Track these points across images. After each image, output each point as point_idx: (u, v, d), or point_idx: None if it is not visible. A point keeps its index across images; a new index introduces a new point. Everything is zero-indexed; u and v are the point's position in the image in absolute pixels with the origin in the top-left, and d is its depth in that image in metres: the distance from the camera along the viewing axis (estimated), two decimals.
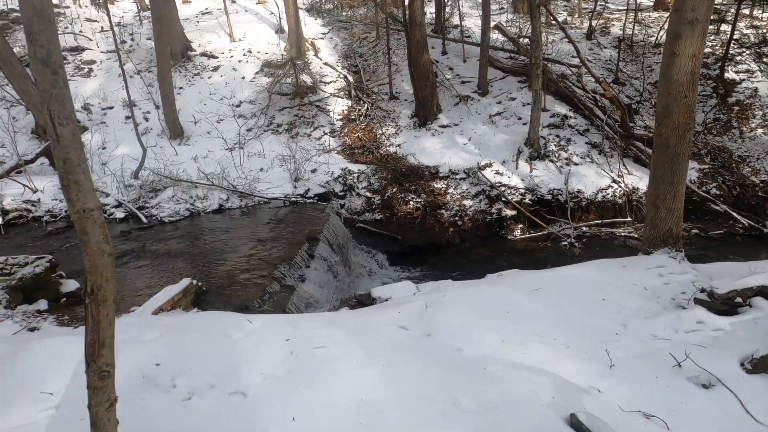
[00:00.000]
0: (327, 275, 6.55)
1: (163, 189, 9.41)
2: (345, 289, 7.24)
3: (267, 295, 5.32)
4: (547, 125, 12.59)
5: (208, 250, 6.71)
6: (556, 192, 11.23)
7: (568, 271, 5.30)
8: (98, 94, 13.95)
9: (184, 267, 6.17)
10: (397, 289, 5.49)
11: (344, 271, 7.35)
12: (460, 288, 4.95)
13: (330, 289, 6.34)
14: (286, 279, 5.77)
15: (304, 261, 6.49)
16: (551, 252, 10.29)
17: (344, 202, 11.11)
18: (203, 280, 5.60)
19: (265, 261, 6.22)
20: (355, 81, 14.83)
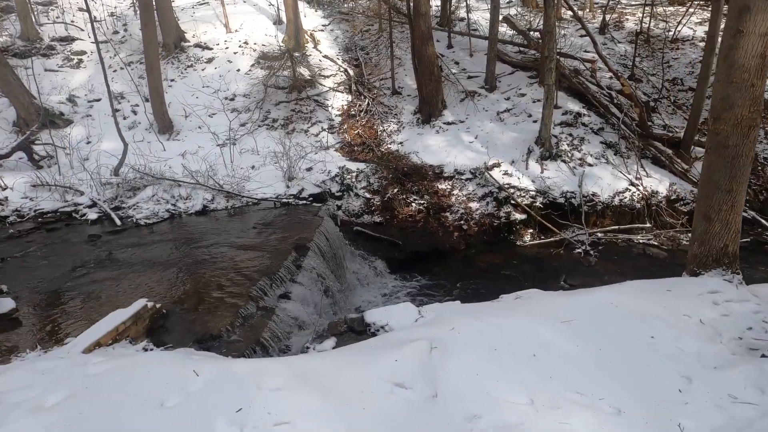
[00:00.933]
0: (315, 291, 5.55)
1: (142, 188, 8.42)
2: (338, 303, 6.23)
3: (239, 320, 4.33)
4: (558, 123, 11.52)
5: (180, 259, 5.72)
6: (569, 195, 10.18)
7: (601, 295, 4.27)
8: (86, 86, 12.95)
9: (149, 281, 5.18)
10: (395, 314, 4.48)
11: (336, 285, 6.35)
12: (472, 318, 3.94)
13: (318, 307, 5.35)
14: (266, 298, 4.77)
15: (290, 274, 5.49)
16: (564, 260, 9.25)
17: (341, 203, 10.09)
18: (167, 298, 4.61)
19: (244, 275, 5.22)
20: (355, 75, 13.78)
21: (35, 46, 14.16)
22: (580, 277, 8.46)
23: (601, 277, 8.48)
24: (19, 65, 12.96)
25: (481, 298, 7.83)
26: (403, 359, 3.02)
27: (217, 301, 4.58)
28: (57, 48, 14.36)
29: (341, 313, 6.20)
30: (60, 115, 11.68)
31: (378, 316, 4.48)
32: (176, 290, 4.85)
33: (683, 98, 12.56)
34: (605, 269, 8.75)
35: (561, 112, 11.76)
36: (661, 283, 4.64)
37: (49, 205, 8.07)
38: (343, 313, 6.28)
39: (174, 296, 4.71)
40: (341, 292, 6.90)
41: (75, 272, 5.45)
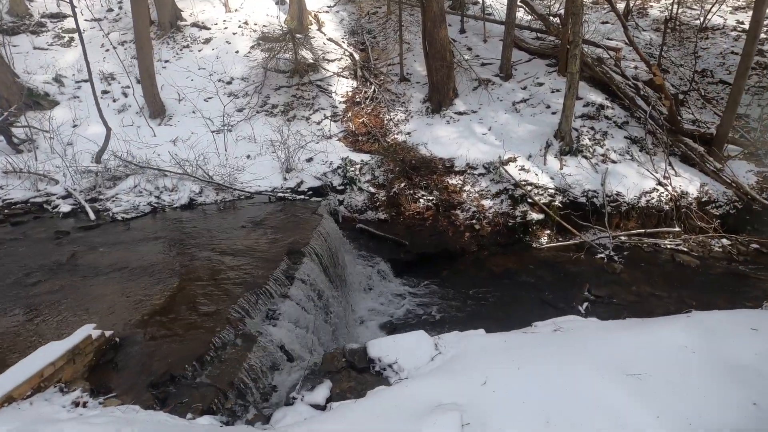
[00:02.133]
0: (310, 309, 4.59)
1: (124, 177, 7.42)
2: (338, 315, 5.26)
3: (212, 352, 3.37)
4: (579, 115, 10.44)
5: (152, 266, 4.75)
6: (591, 194, 9.16)
7: (667, 335, 3.28)
8: (76, 66, 11.89)
9: (109, 294, 4.20)
10: (405, 347, 3.51)
11: (336, 297, 5.38)
12: (506, 363, 2.97)
13: (313, 329, 4.39)
14: (248, 320, 3.81)
15: (280, 287, 4.52)
16: (585, 266, 8.26)
17: (343, 197, 9.09)
18: (125, 321, 3.66)
19: (224, 288, 4.25)
20: (361, 59, 12.67)
21: (24, 23, 13.09)
22: (605, 287, 7.48)
23: (629, 288, 7.51)
24: (5, 42, 11.93)
25: (499, 311, 6.88)
26: None
27: (187, 325, 3.62)
28: (47, 25, 13.28)
29: (341, 330, 5.24)
30: (45, 95, 10.66)
31: (384, 350, 3.51)
32: (138, 309, 3.87)
33: (713, 91, 11.44)
34: (632, 278, 7.76)
35: (582, 103, 10.67)
36: (738, 316, 3.64)
37: (20, 194, 7.11)
38: (344, 330, 5.32)
39: (134, 318, 3.73)
40: (341, 301, 5.94)
41: (26, 279, 4.50)
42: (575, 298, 7.17)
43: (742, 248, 8.77)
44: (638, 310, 6.82)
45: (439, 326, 6.52)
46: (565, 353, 3.13)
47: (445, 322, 6.67)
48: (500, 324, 6.57)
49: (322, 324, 4.71)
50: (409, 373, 3.23)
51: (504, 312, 6.85)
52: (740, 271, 8.05)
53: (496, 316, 6.72)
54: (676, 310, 6.91)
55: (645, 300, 7.15)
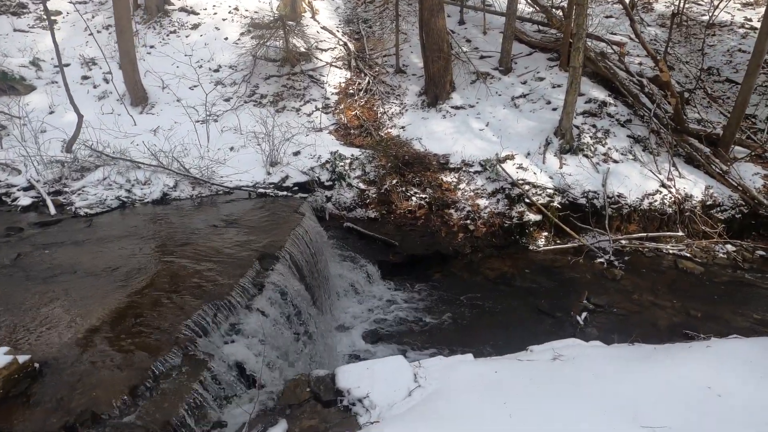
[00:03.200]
0: (282, 322, 4.03)
1: (94, 168, 6.82)
2: (314, 330, 4.71)
3: (149, 381, 2.81)
4: (581, 112, 9.87)
5: (103, 272, 4.16)
6: (591, 195, 8.61)
7: (689, 372, 2.74)
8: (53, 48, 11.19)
9: (42, 306, 3.61)
10: (380, 377, 2.96)
11: (316, 306, 4.82)
12: (500, 404, 2.43)
13: (283, 348, 3.83)
14: (201, 340, 3.26)
15: (246, 297, 3.96)
16: (584, 271, 7.73)
17: (332, 194, 8.51)
18: (51, 341, 3.08)
19: (181, 299, 3.69)
20: (356, 50, 12.03)
21: (5, 3, 12.38)
22: (605, 294, 6.95)
23: (630, 296, 6.98)
24: None
25: (493, 320, 6.30)
26: None
27: (127, 346, 3.04)
28: (29, 6, 12.58)
29: (318, 343, 4.69)
30: (21, 79, 10.01)
31: (356, 379, 2.96)
32: (74, 326, 3.26)
33: (719, 90, 10.86)
34: (634, 286, 7.24)
35: (584, 99, 10.09)
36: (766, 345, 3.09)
37: None
38: (320, 342, 4.77)
39: (66, 337, 3.13)
40: (322, 308, 5.39)
41: None
42: (573, 306, 6.64)
43: (747, 255, 8.25)
44: (641, 322, 6.31)
45: (427, 336, 5.99)
46: (567, 393, 2.59)
47: (434, 331, 6.13)
48: (494, 335, 6.06)
49: (293, 340, 4.15)
50: (382, 411, 2.68)
51: (498, 321, 6.32)
52: (746, 280, 7.53)
53: (489, 327, 6.19)
54: (681, 322, 6.39)
55: (647, 309, 6.63)
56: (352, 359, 5.37)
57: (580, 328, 6.13)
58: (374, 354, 5.53)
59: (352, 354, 5.46)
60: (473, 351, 4.21)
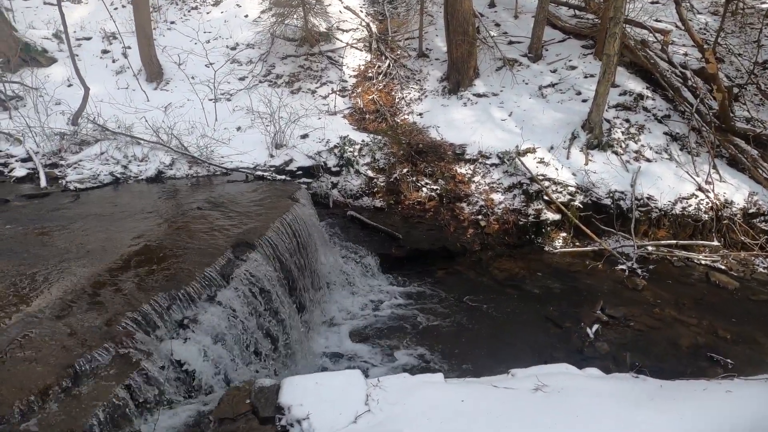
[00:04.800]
0: (248, 318, 3.67)
1: (94, 142, 6.65)
2: (291, 330, 4.34)
3: (66, 382, 2.45)
4: (614, 105, 9.03)
5: (62, 253, 3.87)
6: (617, 195, 7.86)
7: (702, 424, 2.18)
8: (81, 23, 11.18)
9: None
10: (327, 395, 2.55)
11: (292, 303, 4.42)
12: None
13: (247, 347, 3.46)
14: (143, 336, 2.91)
15: (210, 288, 3.61)
16: (603, 278, 7.05)
17: (338, 180, 8.10)
18: None
19: (132, 289, 3.35)
20: (379, 31, 11.46)
21: None
22: (622, 305, 6.28)
23: (651, 309, 6.28)
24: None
25: (493, 327, 5.74)
26: None
27: (53, 337, 2.72)
28: None
29: (295, 342, 4.31)
30: (43, 52, 9.99)
31: (300, 395, 2.55)
32: (8, 312, 2.99)
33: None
34: (656, 298, 6.53)
35: (618, 91, 9.24)
36: None
37: None
38: (296, 341, 4.40)
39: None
40: (305, 302, 5.01)
41: None
42: (585, 317, 6.02)
43: (764, 269, 7.35)
44: (659, 339, 5.65)
45: (418, 338, 5.54)
46: None
47: (427, 333, 5.67)
48: (491, 344, 5.50)
49: (262, 338, 3.78)
50: None
51: (499, 328, 5.79)
52: None
53: (488, 333, 5.68)
54: (706, 343, 5.67)
55: (668, 326, 5.94)
56: (334, 359, 4.99)
57: (589, 342, 5.53)
58: (358, 354, 5.13)
59: (334, 353, 5.08)
60: (464, 361, 3.75)
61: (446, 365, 5.09)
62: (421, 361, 5.13)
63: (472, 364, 5.06)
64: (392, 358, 5.14)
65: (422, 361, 5.13)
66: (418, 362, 5.12)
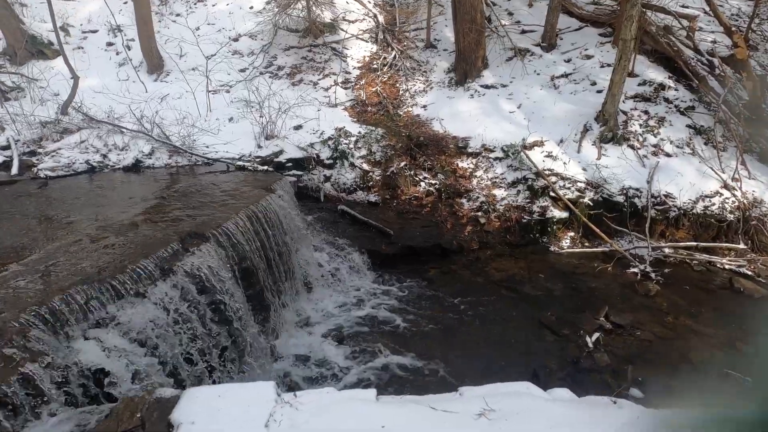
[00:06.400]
0: (185, 316, 3.29)
1: (76, 131, 6.47)
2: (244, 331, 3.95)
3: None
4: (632, 96, 8.32)
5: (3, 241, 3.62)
6: (631, 192, 7.18)
7: None
8: (87, 17, 11.17)
9: None
10: (223, 413, 2.16)
11: (245, 303, 4.03)
12: None
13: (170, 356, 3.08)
14: (42, 335, 2.57)
15: (142, 283, 3.25)
16: (612, 281, 6.40)
17: (332, 173, 7.71)
18: None
19: (51, 282, 3.03)
20: (386, 22, 11.02)
21: None
22: (630, 312, 5.65)
23: (663, 317, 5.63)
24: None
25: (481, 331, 5.20)
26: None
27: None
28: None
29: (246, 343, 3.93)
30: (49, 44, 9.98)
31: (194, 412, 2.15)
32: None
33: None
34: (670, 304, 5.86)
35: (637, 81, 8.51)
36: None
37: None
38: (251, 343, 4.01)
39: None
40: (271, 301, 4.63)
41: None
42: (586, 323, 5.43)
43: None
44: (668, 351, 5.02)
45: (399, 341, 5.09)
46: None
47: (409, 336, 5.21)
48: (474, 351, 4.96)
49: (205, 336, 3.40)
50: None
51: (487, 333, 5.28)
52: None
53: (473, 339, 5.17)
54: (723, 356, 4.98)
55: (680, 336, 5.28)
56: (299, 363, 4.58)
57: (587, 352, 4.95)
58: (328, 358, 4.72)
59: (301, 356, 4.68)
60: (445, 368, 3.30)
61: (425, 372, 4.63)
62: (398, 367, 4.68)
63: (452, 372, 4.58)
64: (366, 363, 4.71)
65: (398, 368, 4.68)
66: (394, 368, 4.67)
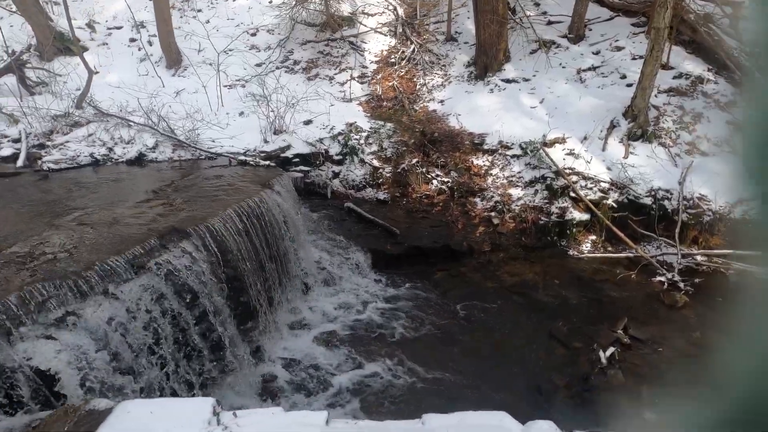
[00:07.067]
0: (157, 318, 3.12)
1: (86, 124, 6.50)
2: (223, 334, 3.76)
3: None
4: (665, 90, 7.67)
5: None
6: (661, 194, 6.60)
7: None
8: (113, 13, 11.36)
9: None
10: (158, 427, 1.89)
11: (224, 303, 3.83)
12: None
13: (132, 360, 2.90)
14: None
15: (112, 281, 3.11)
16: (635, 290, 5.89)
17: (341, 169, 7.47)
18: None
19: (11, 277, 2.93)
20: (406, 15, 10.68)
21: None
22: (653, 325, 5.15)
23: (689, 332, 5.09)
24: None
25: (483, 340, 4.82)
26: None
27: None
28: None
29: (228, 347, 3.74)
30: (76, 40, 10.18)
31: (120, 428, 1.92)
32: None
33: None
34: (699, 318, 5.31)
35: (672, 74, 7.86)
36: None
37: None
38: (233, 348, 3.81)
39: None
40: (268, 298, 4.43)
41: None
42: (601, 336, 4.97)
43: None
44: (692, 372, 4.47)
45: (394, 349, 4.80)
46: None
47: (406, 343, 4.92)
48: (473, 364, 4.56)
49: (173, 343, 3.22)
50: None
51: (490, 344, 4.92)
52: None
53: (474, 349, 4.83)
54: None
55: (708, 355, 4.70)
56: (288, 367, 4.36)
57: (599, 368, 4.50)
58: (319, 363, 4.48)
59: (290, 360, 4.46)
60: (439, 378, 3.00)
61: (417, 383, 4.31)
62: (388, 376, 4.39)
63: (446, 384, 4.25)
64: (355, 370, 4.44)
65: (389, 376, 4.39)
66: (384, 376, 4.38)
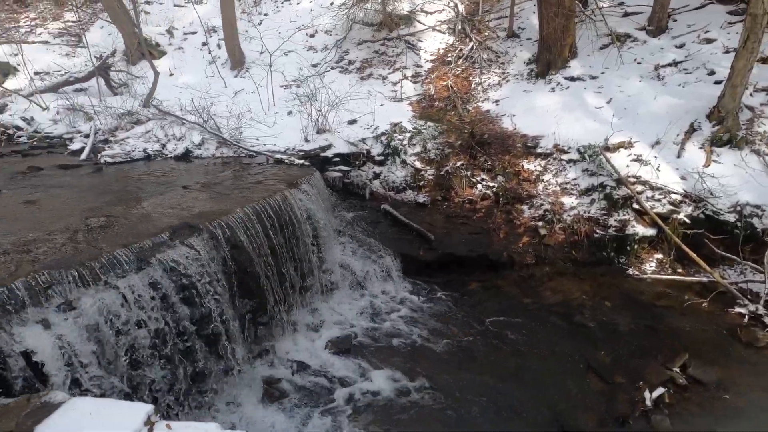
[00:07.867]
0: (152, 313, 3.11)
1: (145, 121, 6.92)
2: (230, 331, 3.72)
3: None
4: (762, 88, 6.51)
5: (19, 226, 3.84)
6: (749, 209, 5.59)
7: None
8: (190, 20, 12.15)
9: None
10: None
11: (229, 302, 3.77)
12: None
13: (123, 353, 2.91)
14: None
15: (115, 272, 3.15)
16: (704, 321, 5.01)
17: (381, 170, 7.26)
18: None
19: (21, 262, 3.07)
20: (467, 12, 10.20)
21: None
22: (721, 366, 4.32)
23: (765, 382, 4.17)
24: None
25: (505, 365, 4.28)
26: None
27: None
28: None
29: (237, 351, 3.69)
30: (156, 45, 11.04)
31: (57, 428, 1.86)
32: None
33: None
34: None
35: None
36: None
37: (62, 129, 7.20)
38: (238, 346, 3.76)
39: None
40: (284, 300, 4.36)
41: None
42: (651, 372, 4.26)
43: None
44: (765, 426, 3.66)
45: (408, 362, 4.49)
46: None
47: (422, 358, 4.58)
48: (492, 392, 4.06)
49: (171, 338, 3.21)
50: None
51: (519, 369, 4.40)
52: None
53: (501, 372, 4.37)
54: None
55: None
56: (297, 370, 4.22)
57: (642, 411, 3.83)
58: (327, 368, 4.31)
59: (300, 363, 4.33)
60: (453, 402, 2.72)
61: (424, 402, 3.96)
62: (396, 392, 4.08)
63: (455, 409, 3.85)
64: (364, 381, 4.19)
65: (397, 392, 4.08)
66: (392, 391, 4.08)
